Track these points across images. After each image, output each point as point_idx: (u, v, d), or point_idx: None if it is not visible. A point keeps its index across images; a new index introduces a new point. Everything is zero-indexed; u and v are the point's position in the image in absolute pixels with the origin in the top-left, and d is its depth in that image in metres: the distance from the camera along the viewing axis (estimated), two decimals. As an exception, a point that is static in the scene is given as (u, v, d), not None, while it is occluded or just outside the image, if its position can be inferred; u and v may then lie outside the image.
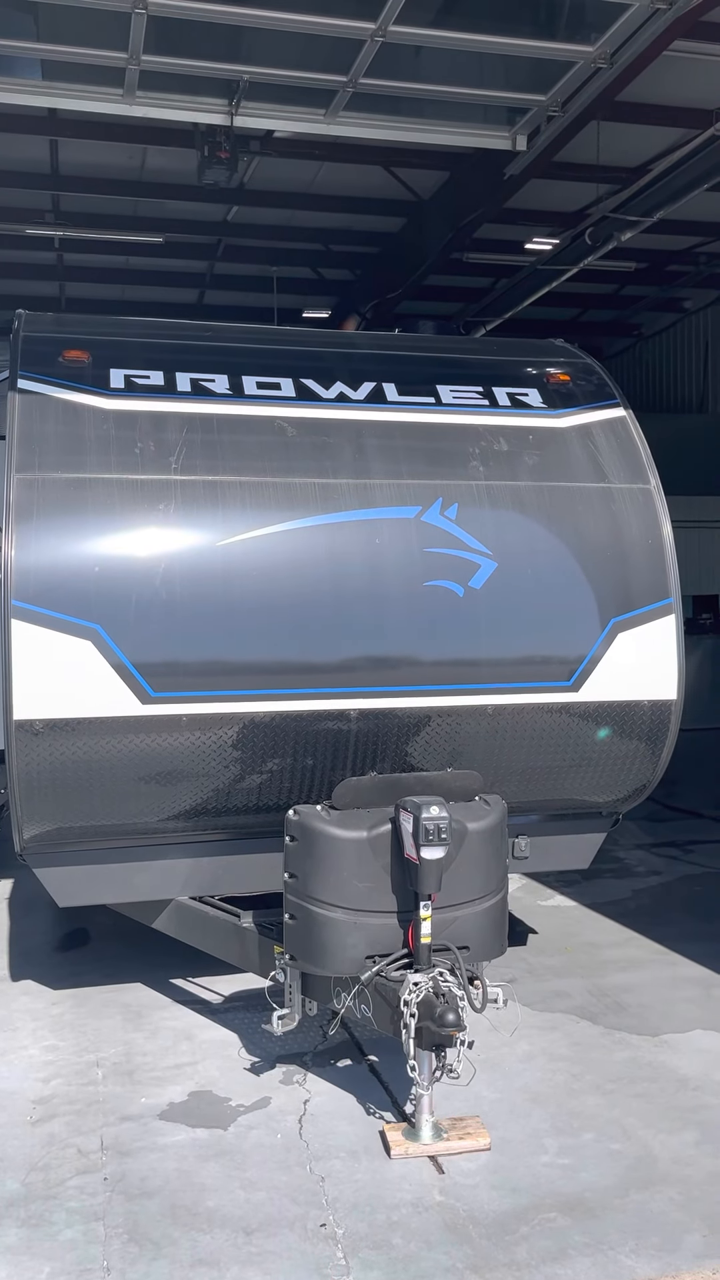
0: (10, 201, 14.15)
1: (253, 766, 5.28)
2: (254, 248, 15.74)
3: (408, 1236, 4.00)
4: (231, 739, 5.20)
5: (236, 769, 5.27)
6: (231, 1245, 3.97)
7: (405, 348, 6.63)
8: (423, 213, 13.83)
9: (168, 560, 5.13)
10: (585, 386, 6.23)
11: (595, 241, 10.90)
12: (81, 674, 4.98)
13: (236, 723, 5.19)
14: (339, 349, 6.32)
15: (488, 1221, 4.09)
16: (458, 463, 5.68)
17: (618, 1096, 5.00)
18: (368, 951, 4.72)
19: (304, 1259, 3.89)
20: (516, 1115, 4.84)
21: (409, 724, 5.39)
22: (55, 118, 11.38)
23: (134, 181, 13.44)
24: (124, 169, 13.04)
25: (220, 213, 14.57)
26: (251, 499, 5.32)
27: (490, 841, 4.89)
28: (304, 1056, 5.42)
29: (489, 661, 5.47)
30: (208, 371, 5.70)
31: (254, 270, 16.37)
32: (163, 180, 13.33)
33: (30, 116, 11.15)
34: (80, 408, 5.36)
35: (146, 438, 5.34)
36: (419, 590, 5.38)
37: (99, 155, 12.52)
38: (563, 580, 5.60)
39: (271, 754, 5.27)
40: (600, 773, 5.80)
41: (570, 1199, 4.23)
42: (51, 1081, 5.22)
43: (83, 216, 14.56)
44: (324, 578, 5.30)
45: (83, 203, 14.19)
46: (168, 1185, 4.34)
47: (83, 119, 10.99)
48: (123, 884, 5.61)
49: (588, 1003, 6.03)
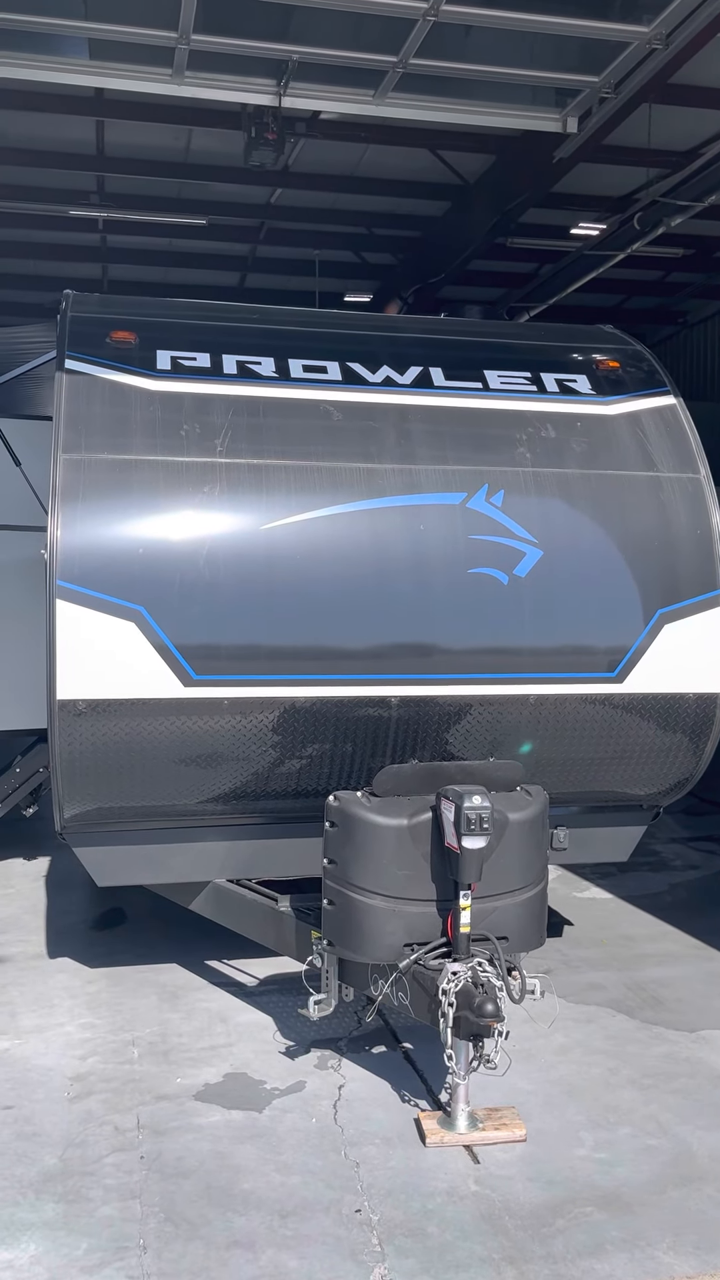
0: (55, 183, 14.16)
1: (292, 751, 5.27)
2: (297, 231, 15.68)
3: (443, 1225, 3.99)
4: (272, 723, 5.19)
5: (276, 753, 5.26)
6: (266, 1228, 3.97)
7: (452, 332, 6.58)
8: (468, 196, 13.70)
9: (211, 543, 5.13)
10: (635, 373, 6.15)
11: (644, 227, 10.75)
12: (124, 655, 4.98)
13: (277, 707, 5.18)
14: (386, 333, 6.27)
15: (523, 1213, 4.07)
16: (504, 449, 5.62)
17: (655, 1091, 4.96)
18: (406, 939, 4.71)
19: (339, 1244, 3.89)
20: (552, 1107, 4.82)
21: (450, 712, 5.35)
22: (101, 98, 11.38)
23: (179, 163, 13.41)
24: (169, 150, 13.01)
25: (264, 195, 14.52)
26: (296, 483, 5.30)
27: (531, 832, 4.85)
28: (339, 1042, 5.42)
29: (532, 651, 5.43)
30: (254, 354, 5.67)
31: (296, 254, 16.30)
32: (207, 162, 13.29)
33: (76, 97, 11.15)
34: (126, 389, 5.35)
35: (192, 420, 5.33)
36: (463, 577, 5.34)
37: (144, 136, 12.50)
38: (609, 570, 5.53)
39: (311, 739, 5.26)
40: (642, 765, 5.74)
41: (607, 1194, 4.20)
42: (88, 1059, 5.25)
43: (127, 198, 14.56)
44: (367, 563, 5.27)
45: (127, 184, 14.17)
46: (203, 1166, 4.36)
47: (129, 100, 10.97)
48: (161, 865, 5.62)
49: (624, 996, 5.99)
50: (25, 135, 12.74)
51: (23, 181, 14.27)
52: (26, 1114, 4.76)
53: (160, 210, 14.70)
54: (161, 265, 17.03)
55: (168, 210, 14.68)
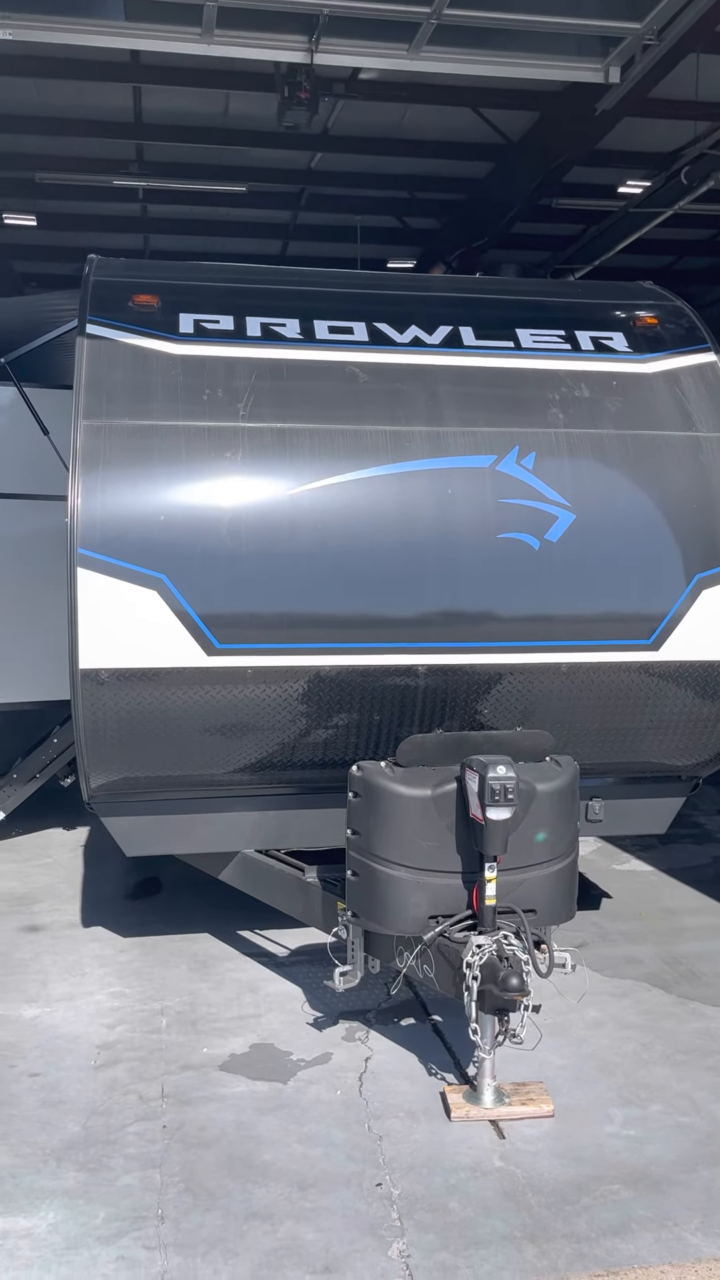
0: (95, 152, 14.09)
1: (318, 721, 5.19)
2: (338, 196, 15.48)
3: (465, 1201, 3.92)
4: (297, 693, 5.11)
5: (302, 723, 5.18)
6: (286, 1200, 3.93)
7: (484, 290, 6.41)
8: (511, 156, 13.40)
9: (234, 510, 5.04)
10: (674, 330, 5.94)
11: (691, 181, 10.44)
12: (147, 624, 4.92)
13: (302, 676, 5.09)
14: (415, 292, 6.11)
15: (548, 1190, 3.99)
16: (536, 410, 5.46)
17: (689, 1068, 4.84)
18: (431, 911, 4.62)
19: (358, 1218, 3.83)
20: (582, 1083, 4.72)
21: (479, 681, 5.23)
22: (137, 63, 11.27)
23: (217, 129, 13.26)
24: (207, 116, 12.87)
25: (304, 160, 14.34)
26: (320, 447, 5.18)
27: (560, 803, 4.73)
28: (367, 1014, 5.36)
29: (564, 618, 5.28)
30: (279, 316, 5.55)
31: (338, 220, 16.11)
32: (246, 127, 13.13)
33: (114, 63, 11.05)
34: (148, 353, 5.26)
35: (215, 384, 5.23)
36: (492, 543, 5.21)
37: (181, 102, 12.39)
38: (645, 534, 5.36)
39: (337, 709, 5.17)
40: (679, 736, 5.59)
41: (635, 1171, 4.10)
42: (116, 1028, 5.24)
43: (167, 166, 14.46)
44: (393, 529, 5.15)
45: (167, 152, 14.06)
46: (225, 1136, 4.33)
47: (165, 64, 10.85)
48: (188, 835, 5.58)
49: (660, 970, 5.86)
50: (65, 104, 12.68)
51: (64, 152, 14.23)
52: (53, 1081, 4.76)
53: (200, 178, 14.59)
54: (203, 235, 16.92)
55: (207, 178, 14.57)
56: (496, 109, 12.19)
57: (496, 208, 14.36)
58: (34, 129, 13.25)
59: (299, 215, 16.31)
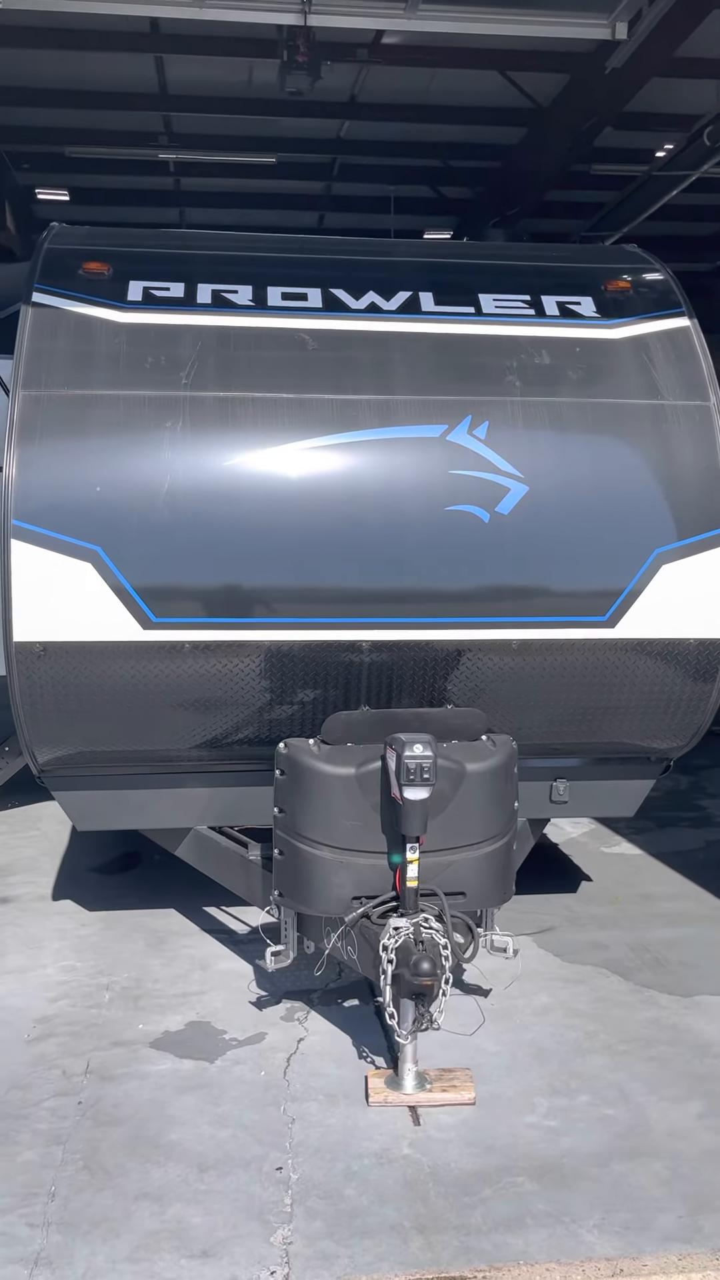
0: (123, 125, 14.04)
1: (260, 697, 5.10)
2: (371, 166, 15.26)
3: (362, 1188, 3.83)
4: (238, 669, 5.02)
5: (245, 700, 5.09)
6: (182, 1181, 3.88)
7: (451, 255, 6.23)
8: (542, 120, 13.07)
9: (172, 481, 4.95)
10: (648, 294, 5.71)
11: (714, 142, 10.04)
12: (81, 597, 4.87)
13: (242, 652, 5.00)
14: (377, 257, 5.95)
15: (450, 1180, 3.88)
16: (492, 378, 5.28)
17: (628, 1059, 4.68)
18: (355, 892, 4.52)
19: (249, 1202, 3.76)
20: (514, 1071, 4.59)
21: (425, 658, 5.10)
22: (158, 33, 11.17)
23: (242, 98, 13.12)
24: (231, 85, 12.72)
25: (333, 129, 14.15)
26: (263, 417, 5.07)
27: (492, 783, 4.59)
28: (312, 994, 5.28)
29: (514, 593, 5.12)
30: (232, 282, 5.44)
31: (372, 190, 15.88)
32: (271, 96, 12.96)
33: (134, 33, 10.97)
34: (93, 321, 5.19)
35: (158, 353, 5.14)
36: (439, 515, 5.05)
37: (206, 72, 12.26)
38: (601, 506, 5.17)
39: (279, 685, 5.07)
40: (642, 718, 5.40)
41: (545, 1164, 3.97)
42: (58, 1002, 5.24)
43: (196, 138, 14.37)
44: (336, 501, 5.03)
45: (194, 123, 13.96)
46: (138, 1114, 4.28)
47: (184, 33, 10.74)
48: (140, 811, 5.54)
49: (624, 957, 5.69)
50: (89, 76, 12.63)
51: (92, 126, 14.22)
52: (-17, 1054, 4.77)
53: (229, 149, 14.49)
54: (237, 207, 16.81)
55: (236, 149, 14.46)
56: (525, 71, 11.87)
57: (530, 175, 14.04)
58: (60, 102, 13.23)
59: (332, 186, 16.12)
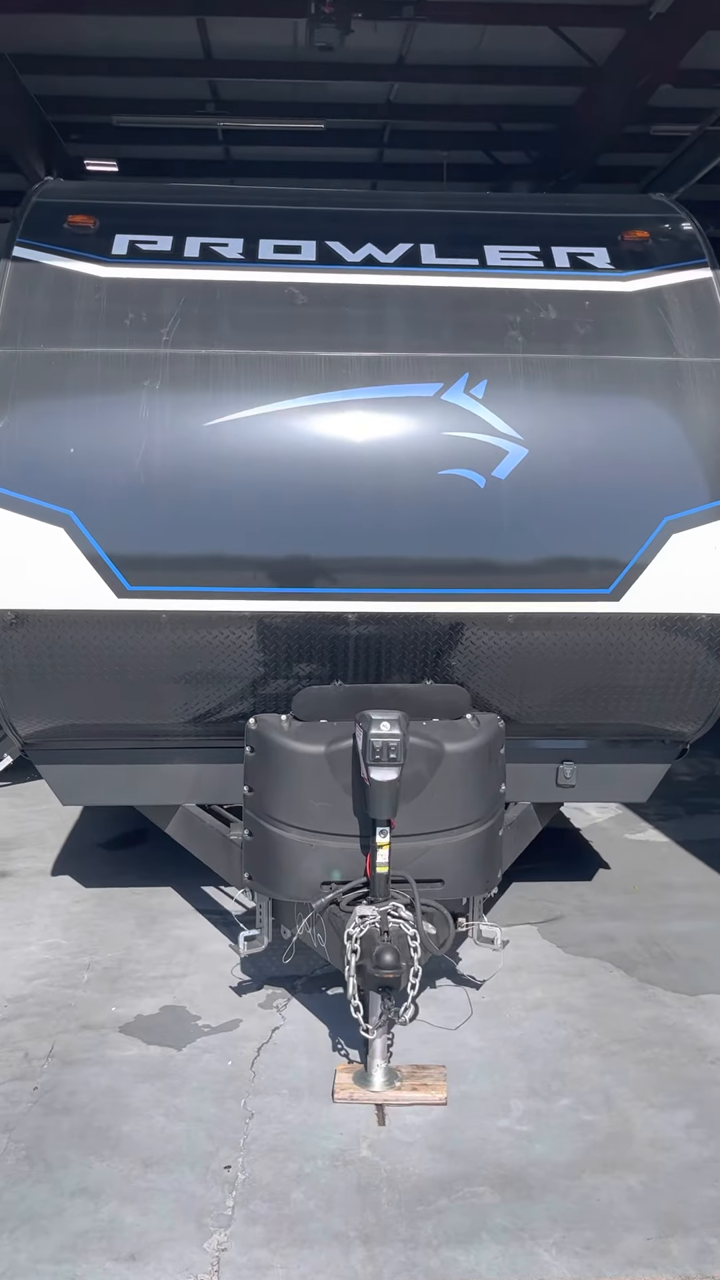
0: (169, 92, 13.85)
1: (242, 672, 4.86)
2: (422, 131, 14.88)
3: (311, 1192, 3.60)
4: (217, 640, 4.79)
5: (225, 673, 4.86)
6: (123, 1177, 3.68)
7: (458, 205, 5.87)
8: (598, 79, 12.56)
9: (149, 442, 4.71)
10: (668, 245, 5.31)
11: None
12: (53, 564, 4.67)
13: (222, 623, 4.77)
14: (380, 208, 5.64)
15: (406, 1187, 3.63)
16: (493, 334, 4.95)
17: (619, 1060, 4.38)
18: (324, 877, 4.28)
19: (190, 1203, 3.56)
20: (494, 1070, 4.32)
21: (416, 632, 4.81)
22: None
23: (288, 62, 12.83)
24: (277, 49, 12.45)
25: (382, 92, 13.80)
26: (247, 375, 4.81)
27: (474, 765, 4.31)
28: (296, 980, 5.06)
29: (511, 564, 4.81)
30: (223, 235, 5.17)
31: (425, 157, 15.50)
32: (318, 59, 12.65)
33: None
34: (74, 277, 4.97)
35: (140, 308, 4.90)
36: (432, 480, 4.75)
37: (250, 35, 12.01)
38: (606, 471, 4.82)
39: (262, 660, 4.83)
40: (650, 697, 5.05)
41: (510, 1173, 3.70)
42: (35, 981, 5.09)
43: (243, 105, 14.14)
44: (322, 464, 4.76)
45: (242, 89, 13.73)
46: (92, 1103, 4.10)
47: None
48: (127, 787, 5.34)
49: (631, 950, 5.38)
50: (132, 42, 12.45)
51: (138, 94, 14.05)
52: (-50, 1033, 4.64)
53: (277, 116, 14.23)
54: (289, 176, 16.51)
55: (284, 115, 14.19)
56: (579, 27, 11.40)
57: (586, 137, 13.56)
58: (104, 70, 13.07)
59: (385, 153, 15.76)
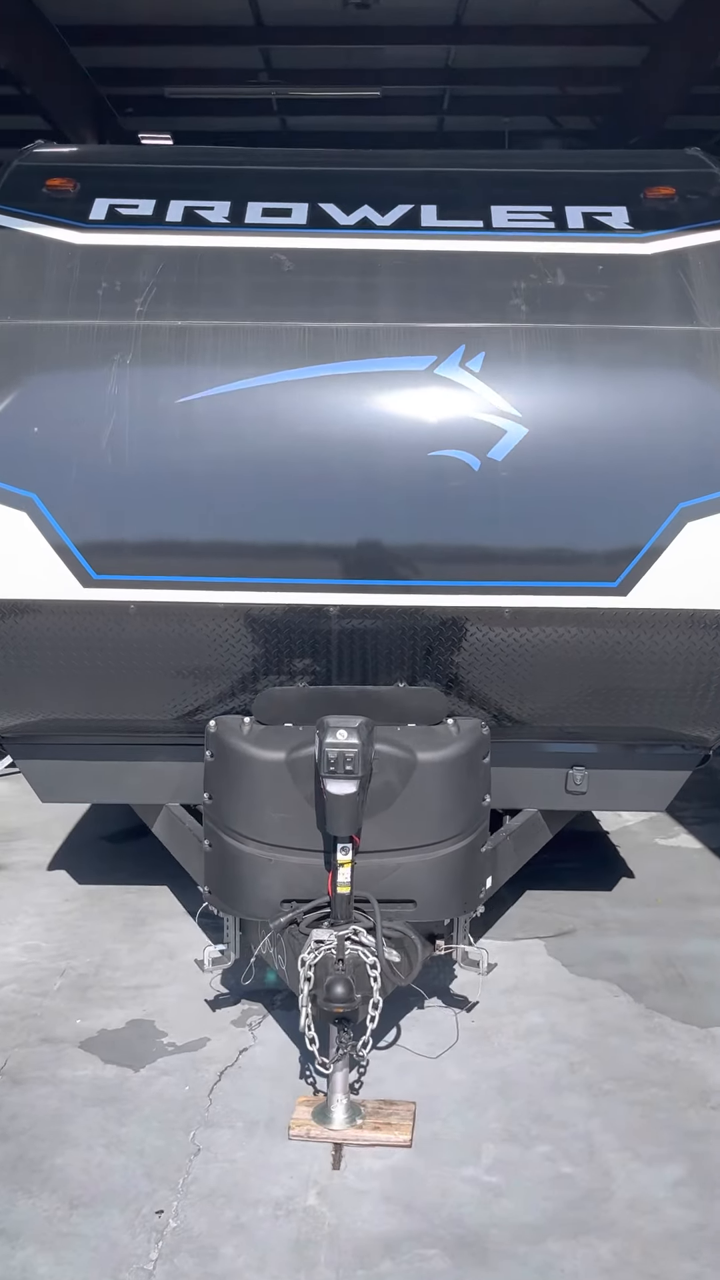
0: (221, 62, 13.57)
1: (217, 666, 4.53)
2: (483, 96, 14.39)
3: (243, 1248, 3.28)
4: (190, 633, 4.47)
5: (197, 669, 4.54)
6: (46, 1219, 3.41)
7: (465, 164, 5.42)
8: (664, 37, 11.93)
9: (117, 420, 4.39)
10: (696, 202, 4.83)
11: None
12: (15, 550, 4.38)
13: (195, 615, 4.44)
14: (380, 167, 5.23)
15: (350, 1246, 3.29)
16: (493, 302, 4.53)
17: (610, 1101, 3.98)
18: (285, 894, 3.95)
19: (110, 1254, 3.26)
20: (471, 1107, 3.95)
21: (403, 627, 4.43)
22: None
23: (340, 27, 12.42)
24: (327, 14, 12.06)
25: (440, 57, 13.33)
26: (224, 348, 4.46)
27: (451, 775, 3.93)
28: (275, 996, 4.73)
29: (507, 553, 4.40)
30: (209, 199, 4.83)
31: (486, 124, 14.98)
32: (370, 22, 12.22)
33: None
34: (47, 243, 4.66)
35: (114, 277, 4.58)
36: (421, 462, 4.36)
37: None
38: (615, 453, 4.37)
39: (237, 653, 4.50)
40: (664, 699, 4.61)
41: (467, 1233, 3.34)
42: (5, 988, 4.85)
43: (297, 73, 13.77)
44: (303, 444, 4.39)
45: (294, 57, 13.38)
46: (32, 1129, 3.84)
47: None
48: (109, 784, 5.07)
49: (643, 972, 4.95)
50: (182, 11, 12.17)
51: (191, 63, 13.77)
52: None
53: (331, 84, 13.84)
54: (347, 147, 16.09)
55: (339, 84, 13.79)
56: (642, -19, 10.83)
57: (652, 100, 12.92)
58: (154, 39, 12.82)
59: (445, 120, 15.29)
